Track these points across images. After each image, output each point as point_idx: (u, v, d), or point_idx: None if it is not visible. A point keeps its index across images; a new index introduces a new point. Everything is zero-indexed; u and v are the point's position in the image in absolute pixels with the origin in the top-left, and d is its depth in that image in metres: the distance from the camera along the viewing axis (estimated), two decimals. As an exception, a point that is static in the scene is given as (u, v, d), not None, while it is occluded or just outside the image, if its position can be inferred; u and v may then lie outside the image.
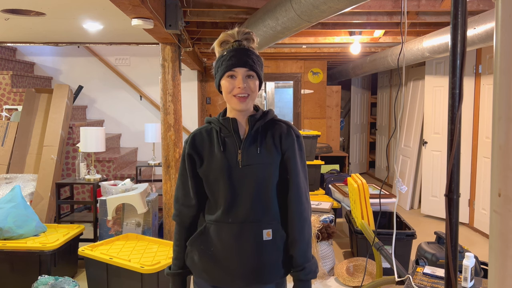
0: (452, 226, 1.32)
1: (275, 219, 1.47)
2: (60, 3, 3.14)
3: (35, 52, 6.22)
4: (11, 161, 4.67)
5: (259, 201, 1.44)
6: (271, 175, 1.45)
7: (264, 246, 1.44)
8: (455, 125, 1.30)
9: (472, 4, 3.36)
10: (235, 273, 1.44)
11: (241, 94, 1.42)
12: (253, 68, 1.43)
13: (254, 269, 1.44)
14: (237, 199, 1.44)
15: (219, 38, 1.49)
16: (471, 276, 2.27)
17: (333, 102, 7.56)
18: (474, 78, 4.83)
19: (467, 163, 4.91)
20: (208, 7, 3.33)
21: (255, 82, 1.45)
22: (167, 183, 3.86)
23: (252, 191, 1.43)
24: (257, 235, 1.43)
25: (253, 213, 1.44)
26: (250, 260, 1.44)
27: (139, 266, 2.78)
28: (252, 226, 1.43)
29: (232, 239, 1.43)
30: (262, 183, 1.44)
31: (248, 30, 1.48)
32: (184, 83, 6.01)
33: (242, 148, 1.45)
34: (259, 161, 1.44)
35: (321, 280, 3.49)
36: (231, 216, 1.44)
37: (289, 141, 1.47)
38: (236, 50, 1.43)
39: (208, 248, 1.47)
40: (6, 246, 3.17)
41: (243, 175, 1.44)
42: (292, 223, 1.47)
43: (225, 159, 1.44)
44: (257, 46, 1.51)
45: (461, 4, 1.28)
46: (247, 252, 1.43)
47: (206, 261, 1.47)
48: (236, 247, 1.43)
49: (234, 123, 1.47)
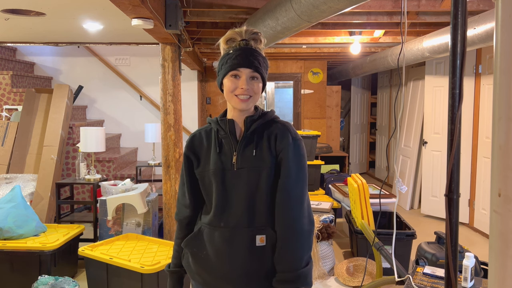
0: (452, 226, 1.32)
1: (269, 226, 1.40)
2: (60, 3, 3.14)
3: (35, 52, 6.22)
4: (11, 161, 4.67)
5: (252, 205, 1.39)
6: (266, 178, 1.39)
7: (257, 252, 1.39)
8: (455, 125, 1.30)
9: (472, 4, 3.36)
10: (226, 277, 1.41)
11: (243, 95, 1.39)
12: (258, 70, 1.39)
13: (245, 274, 1.39)
14: (229, 202, 1.40)
15: (225, 35, 1.44)
16: (471, 276, 2.27)
17: (333, 102, 7.56)
18: (474, 78, 4.83)
19: (467, 163, 4.91)
20: (208, 7, 3.33)
21: (259, 84, 1.41)
22: (167, 183, 3.85)
23: (245, 195, 1.39)
24: (250, 240, 1.38)
25: (245, 218, 1.38)
26: (241, 265, 1.39)
27: (139, 266, 2.78)
28: (244, 232, 1.38)
29: (223, 243, 1.39)
30: (256, 186, 1.39)
31: (256, 30, 1.44)
32: (184, 83, 6.00)
33: (238, 150, 1.41)
34: (253, 164, 1.39)
35: (321, 280, 3.49)
36: (223, 220, 1.40)
37: (284, 142, 1.40)
38: (242, 50, 1.39)
39: (200, 251, 1.44)
40: (6, 246, 3.17)
41: (237, 178, 1.39)
42: (278, 230, 1.38)
43: (220, 161, 1.41)
44: (263, 47, 1.46)
45: (461, 4, 1.28)
46: (239, 258, 1.39)
47: (198, 264, 1.45)
48: (227, 252, 1.39)
49: (230, 124, 1.43)
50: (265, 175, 1.39)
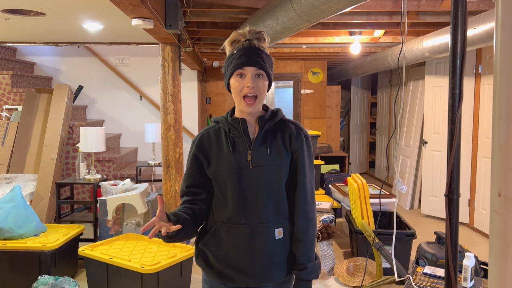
0: (452, 226, 1.32)
1: (285, 218, 1.48)
2: (60, 3, 3.14)
3: (35, 52, 6.22)
4: (11, 161, 4.67)
5: (270, 201, 1.45)
6: (282, 176, 1.46)
7: (276, 244, 1.46)
8: (455, 125, 1.30)
9: (472, 4, 3.36)
10: (248, 272, 1.46)
11: (249, 93, 1.42)
12: (262, 67, 1.43)
13: (268, 267, 1.46)
14: (248, 200, 1.45)
15: (230, 37, 1.48)
16: (471, 276, 2.27)
17: (333, 102, 7.56)
18: (474, 78, 4.83)
19: (467, 163, 4.91)
20: (208, 7, 3.33)
21: (264, 82, 1.45)
22: (167, 183, 3.85)
23: (263, 192, 1.44)
24: (270, 234, 1.45)
25: (264, 214, 1.44)
26: (262, 259, 1.45)
27: (139, 266, 2.78)
28: (264, 227, 1.45)
29: (244, 239, 1.45)
30: (273, 184, 1.45)
31: (259, 30, 1.47)
32: (184, 83, 6.01)
33: (252, 149, 1.45)
34: (269, 162, 1.45)
35: (321, 280, 3.49)
36: (242, 217, 1.45)
37: (299, 142, 1.48)
38: (246, 49, 1.43)
39: (220, 249, 1.48)
40: (6, 246, 3.17)
41: (254, 176, 1.44)
42: (297, 223, 1.47)
43: (234, 160, 1.45)
44: (268, 45, 1.50)
45: (461, 4, 1.28)
46: (260, 252, 1.45)
47: (220, 262, 1.49)
48: (248, 247, 1.45)
49: (243, 123, 1.47)
50: (281, 172, 1.46)
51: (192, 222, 1.47)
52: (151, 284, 2.77)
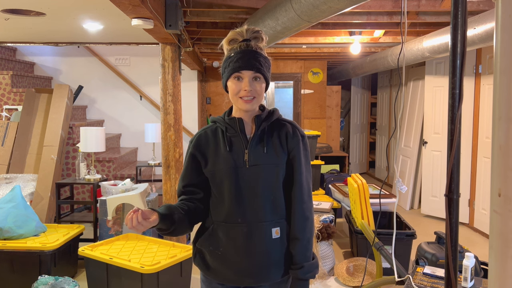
0: (452, 226, 1.32)
1: (282, 217, 1.49)
2: (60, 3, 3.14)
3: (35, 52, 6.22)
4: (11, 161, 4.67)
5: (267, 200, 1.46)
6: (279, 175, 1.46)
7: (273, 244, 1.46)
8: (455, 125, 1.30)
9: (472, 4, 3.36)
10: (247, 271, 1.47)
11: (247, 96, 1.43)
12: (260, 70, 1.43)
13: (264, 267, 1.46)
14: (245, 199, 1.45)
15: (227, 36, 1.48)
16: (471, 276, 2.27)
17: (333, 102, 7.56)
18: (474, 78, 4.83)
19: (467, 163, 4.91)
20: (208, 7, 3.33)
21: (262, 85, 1.46)
22: (167, 183, 3.85)
23: (260, 191, 1.45)
24: (267, 234, 1.45)
25: (262, 213, 1.45)
26: (259, 258, 1.46)
27: (139, 266, 2.78)
28: (262, 226, 1.45)
29: (242, 239, 1.45)
30: (270, 182, 1.46)
31: (257, 29, 1.47)
32: (184, 83, 6.00)
33: (249, 148, 1.46)
34: (266, 161, 1.45)
35: (321, 280, 3.49)
36: (239, 217, 1.45)
37: (295, 141, 1.49)
38: (243, 52, 1.43)
39: (217, 249, 1.49)
40: (6, 246, 3.17)
41: (251, 175, 1.45)
42: (294, 222, 1.48)
43: (231, 159, 1.46)
44: (265, 45, 1.50)
45: (461, 4, 1.28)
46: (257, 251, 1.45)
47: (217, 261, 1.49)
48: (246, 247, 1.45)
49: (240, 123, 1.48)
50: (278, 171, 1.47)
51: (186, 217, 1.47)
52: (151, 284, 2.77)
